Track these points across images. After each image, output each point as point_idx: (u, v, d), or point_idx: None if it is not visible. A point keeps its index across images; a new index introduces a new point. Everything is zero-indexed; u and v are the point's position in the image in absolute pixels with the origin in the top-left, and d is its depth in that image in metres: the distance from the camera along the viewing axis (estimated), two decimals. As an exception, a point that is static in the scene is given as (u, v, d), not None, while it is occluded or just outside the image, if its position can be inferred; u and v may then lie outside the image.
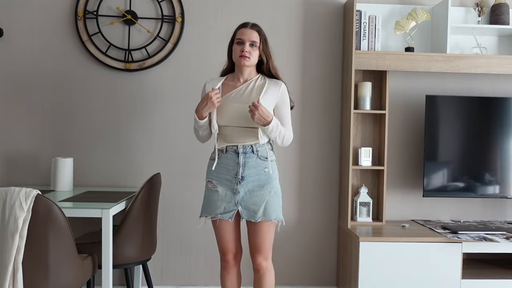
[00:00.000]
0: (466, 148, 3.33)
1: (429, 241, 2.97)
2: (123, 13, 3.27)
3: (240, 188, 2.43)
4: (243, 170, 2.43)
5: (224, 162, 2.46)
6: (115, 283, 3.31)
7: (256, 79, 2.52)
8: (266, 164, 2.47)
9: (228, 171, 2.45)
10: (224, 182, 2.46)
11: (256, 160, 2.45)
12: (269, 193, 2.45)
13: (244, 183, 2.43)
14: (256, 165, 2.45)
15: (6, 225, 2.16)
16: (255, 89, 2.48)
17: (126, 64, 3.29)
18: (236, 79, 2.54)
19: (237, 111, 2.44)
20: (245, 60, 2.43)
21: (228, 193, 2.45)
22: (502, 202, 3.51)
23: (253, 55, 2.45)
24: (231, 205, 2.44)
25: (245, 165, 2.44)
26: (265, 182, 2.46)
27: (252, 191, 2.43)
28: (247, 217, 2.43)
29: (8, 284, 2.13)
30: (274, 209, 2.45)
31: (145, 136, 3.36)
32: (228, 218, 2.44)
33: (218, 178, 2.47)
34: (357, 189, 3.38)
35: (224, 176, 2.46)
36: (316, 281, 3.46)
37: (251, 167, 2.44)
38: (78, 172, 3.28)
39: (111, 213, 2.55)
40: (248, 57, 2.43)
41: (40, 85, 3.30)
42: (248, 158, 2.44)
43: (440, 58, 3.19)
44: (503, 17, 3.30)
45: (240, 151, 2.44)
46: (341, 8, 3.40)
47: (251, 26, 2.48)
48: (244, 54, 2.43)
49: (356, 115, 3.39)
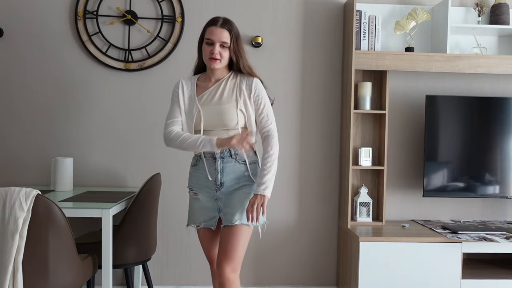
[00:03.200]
0: (466, 148, 3.33)
1: (429, 241, 2.97)
2: (123, 13, 3.27)
3: (221, 195, 2.29)
4: (221, 176, 2.28)
5: (202, 168, 2.32)
6: (115, 283, 3.31)
7: (228, 77, 2.35)
8: (245, 167, 2.31)
9: (207, 178, 2.31)
10: (205, 189, 2.32)
11: (235, 165, 2.29)
12: (247, 195, 2.28)
13: (224, 188, 2.29)
14: (235, 169, 2.29)
15: (6, 225, 2.16)
16: (227, 89, 2.32)
17: (126, 64, 3.29)
18: (207, 79, 2.37)
19: (211, 113, 2.28)
20: (215, 64, 2.26)
21: (209, 200, 2.32)
22: (502, 202, 3.51)
23: (223, 56, 2.27)
24: (213, 213, 2.32)
25: (223, 171, 2.28)
26: (244, 184, 2.30)
27: (231, 195, 2.28)
28: (225, 222, 2.26)
29: (8, 284, 2.13)
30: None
31: (145, 136, 3.36)
32: (210, 226, 2.33)
33: (198, 185, 2.34)
34: (357, 189, 3.38)
35: (204, 183, 2.32)
36: (316, 281, 3.46)
37: (230, 172, 2.29)
38: (78, 172, 3.28)
39: (111, 213, 2.55)
40: (218, 59, 2.26)
41: (40, 85, 3.30)
42: (226, 163, 2.28)
43: (440, 58, 3.19)
44: (503, 17, 3.30)
45: (217, 156, 2.28)
46: (341, 8, 3.40)
47: (221, 25, 2.27)
48: (214, 57, 2.25)
49: (356, 115, 3.39)
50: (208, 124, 2.28)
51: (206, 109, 2.29)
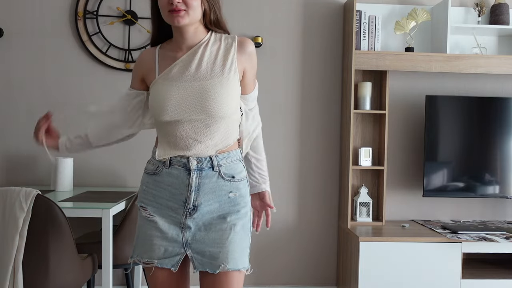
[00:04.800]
0: (466, 148, 3.33)
1: (429, 241, 2.97)
2: (123, 13, 3.27)
3: (191, 222, 1.58)
4: (196, 195, 1.57)
5: (166, 181, 1.60)
6: (115, 283, 3.31)
7: (208, 40, 1.62)
8: (232, 186, 1.61)
9: (172, 196, 1.59)
10: (166, 210, 1.60)
11: (217, 181, 1.59)
12: (233, 228, 1.58)
13: (198, 215, 1.58)
14: (217, 188, 1.59)
15: (6, 225, 2.16)
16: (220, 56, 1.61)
17: (126, 64, 3.29)
18: (176, 47, 1.63)
19: (188, 93, 1.55)
20: (178, 17, 1.53)
21: (171, 227, 1.59)
22: (502, 202, 3.51)
23: (191, 5, 1.53)
24: (176, 247, 1.59)
25: (199, 188, 1.57)
26: (230, 210, 1.60)
27: (209, 226, 1.58)
28: (202, 266, 1.57)
29: (8, 284, 2.13)
30: (242, 251, 1.59)
31: (145, 136, 3.35)
32: (170, 266, 1.59)
33: (156, 204, 1.62)
34: (357, 189, 3.38)
35: (166, 202, 1.60)
36: (316, 281, 3.46)
37: (209, 192, 1.58)
38: (78, 172, 3.27)
39: (111, 213, 2.55)
40: (182, 9, 1.52)
41: (40, 85, 3.29)
42: (205, 178, 1.58)
43: (440, 58, 3.19)
44: (503, 17, 3.30)
45: (193, 166, 1.57)
46: (341, 8, 3.40)
47: None
48: (175, 8, 1.51)
49: (356, 115, 3.39)
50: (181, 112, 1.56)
51: (181, 87, 1.57)
